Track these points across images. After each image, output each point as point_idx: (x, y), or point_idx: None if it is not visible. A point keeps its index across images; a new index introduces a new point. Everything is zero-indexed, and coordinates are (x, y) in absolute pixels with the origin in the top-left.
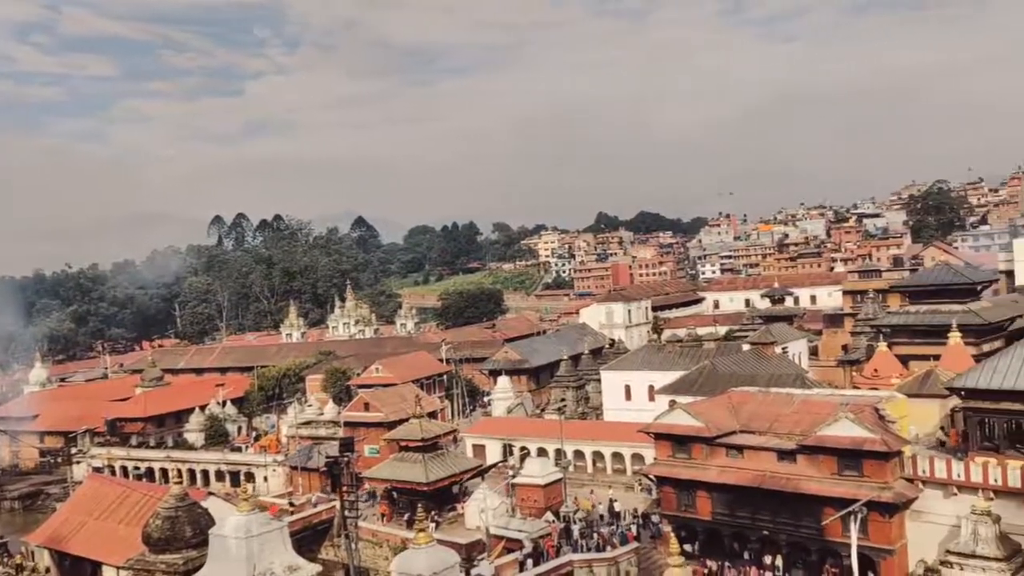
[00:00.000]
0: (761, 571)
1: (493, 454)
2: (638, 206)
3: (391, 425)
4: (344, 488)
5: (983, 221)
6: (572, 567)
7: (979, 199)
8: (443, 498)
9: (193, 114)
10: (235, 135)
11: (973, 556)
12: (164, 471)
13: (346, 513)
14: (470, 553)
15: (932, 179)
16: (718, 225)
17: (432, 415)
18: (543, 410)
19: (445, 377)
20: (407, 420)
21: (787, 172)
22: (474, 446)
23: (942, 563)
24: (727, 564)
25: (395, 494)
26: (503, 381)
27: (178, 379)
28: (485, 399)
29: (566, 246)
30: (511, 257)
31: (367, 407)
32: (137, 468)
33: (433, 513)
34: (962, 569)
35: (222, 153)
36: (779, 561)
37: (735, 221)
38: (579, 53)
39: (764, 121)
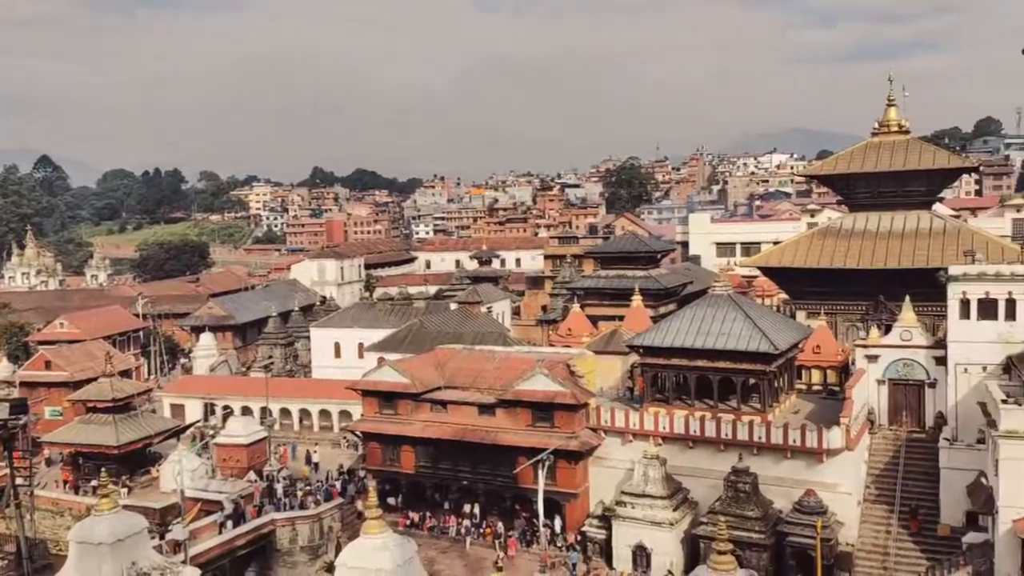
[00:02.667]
0: (460, 519)
1: (193, 414)
2: (355, 163)
3: (77, 385)
4: (17, 454)
5: (666, 196)
6: (274, 526)
7: (664, 176)
8: (136, 462)
9: None
10: None
11: (643, 495)
12: None
13: (18, 481)
14: (164, 518)
15: (626, 155)
16: (433, 187)
17: (125, 374)
18: (249, 368)
19: (141, 333)
20: (96, 379)
21: (500, 139)
22: (172, 406)
23: (617, 503)
24: (428, 514)
25: (81, 459)
26: (206, 338)
27: None
28: (185, 357)
29: (279, 200)
30: (219, 208)
31: (48, 365)
32: None
33: (125, 478)
34: (633, 507)
35: None
36: (476, 509)
37: (449, 184)
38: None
39: (481, 88)
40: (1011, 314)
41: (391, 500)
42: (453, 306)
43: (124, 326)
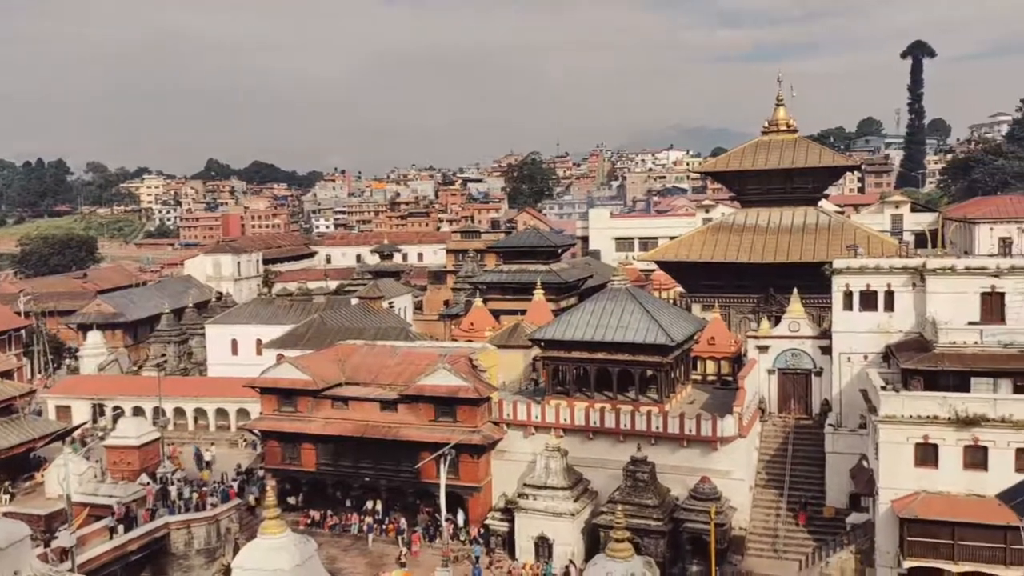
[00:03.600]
0: (362, 517)
1: (80, 415)
2: (252, 156)
3: None
4: None
5: (567, 191)
6: (169, 529)
7: (565, 171)
8: (18, 467)
9: None
10: None
11: (545, 487)
12: None
13: None
14: (50, 524)
15: (528, 151)
16: (333, 180)
17: (6, 375)
18: (141, 367)
19: (24, 332)
20: None
21: (402, 133)
22: (58, 408)
23: (519, 495)
24: (330, 512)
25: None
26: (94, 336)
27: None
28: (72, 357)
29: (172, 192)
30: (108, 201)
31: None
32: None
33: (7, 484)
34: (535, 499)
35: None
36: (379, 506)
37: (349, 177)
38: None
39: (383, 81)
40: (890, 305)
41: (291, 499)
42: (354, 301)
43: (4, 324)
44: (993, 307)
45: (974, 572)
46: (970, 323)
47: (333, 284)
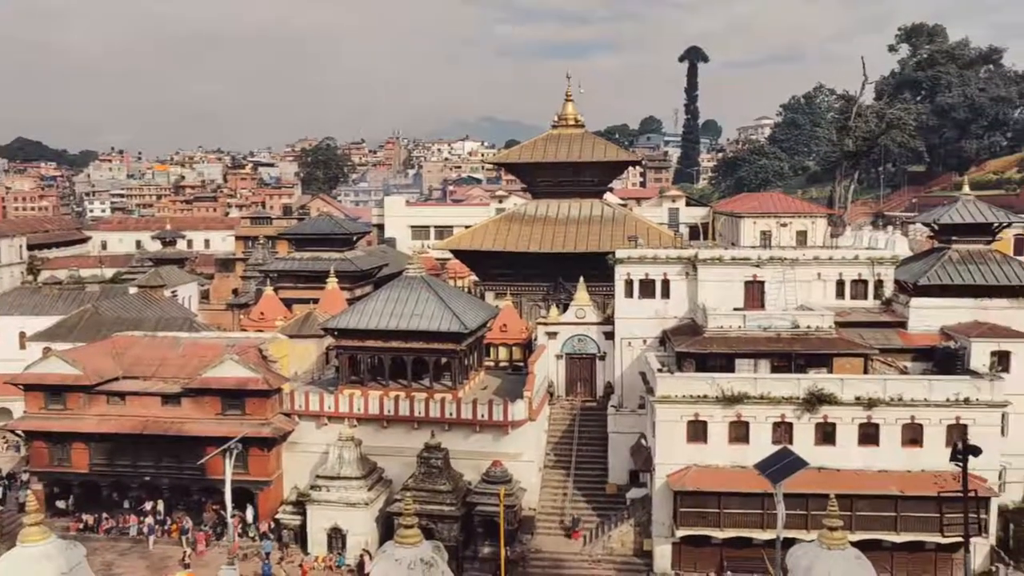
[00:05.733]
0: (141, 518)
1: None
2: (15, 131)
3: None
4: None
5: (363, 178)
6: None
7: (361, 158)
8: None
9: None
10: None
11: (338, 478)
12: None
13: None
14: None
15: (322, 136)
16: (110, 161)
17: None
18: None
19: None
20: None
21: (188, 112)
22: None
23: (312, 487)
24: (105, 515)
25: None
26: None
27: None
28: None
29: None
30: None
31: None
32: None
33: None
34: (328, 490)
35: None
36: (160, 506)
37: (128, 158)
38: None
39: (167, 56)
40: (666, 293)
41: (61, 503)
42: (133, 290)
43: None
44: (755, 294)
45: (737, 537)
46: (735, 309)
47: (109, 272)
